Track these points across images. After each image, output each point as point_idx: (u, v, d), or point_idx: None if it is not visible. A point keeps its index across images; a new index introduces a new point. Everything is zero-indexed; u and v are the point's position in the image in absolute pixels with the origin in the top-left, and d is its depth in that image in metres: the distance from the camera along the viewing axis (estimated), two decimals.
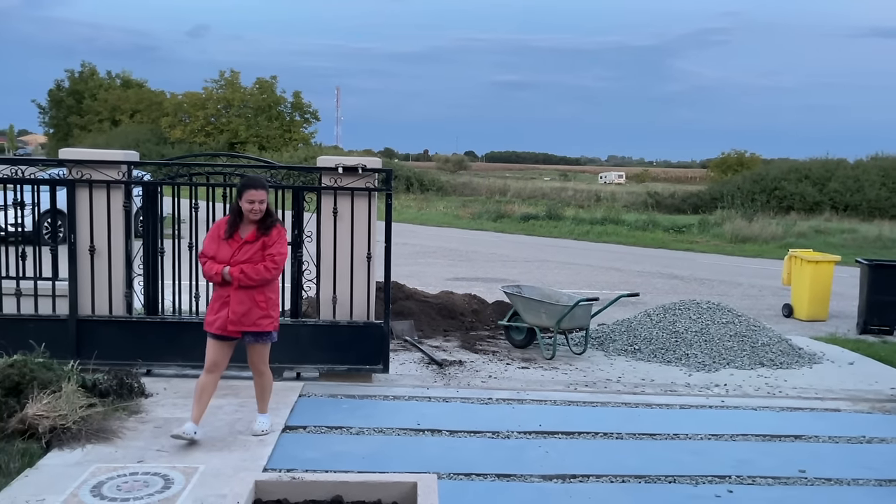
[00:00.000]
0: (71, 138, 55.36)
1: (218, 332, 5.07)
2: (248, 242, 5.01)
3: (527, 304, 8.07)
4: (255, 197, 4.97)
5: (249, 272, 4.97)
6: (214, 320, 5.08)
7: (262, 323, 5.11)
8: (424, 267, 14.66)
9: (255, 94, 50.77)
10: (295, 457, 5.03)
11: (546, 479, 4.84)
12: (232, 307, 5.00)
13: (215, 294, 5.14)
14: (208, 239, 5.14)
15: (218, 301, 5.08)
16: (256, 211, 4.99)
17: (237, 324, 5.03)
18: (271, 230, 5.05)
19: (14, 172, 6.59)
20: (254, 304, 5.04)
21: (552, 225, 26.16)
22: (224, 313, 5.02)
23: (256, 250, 5.00)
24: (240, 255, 5.00)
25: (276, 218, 5.13)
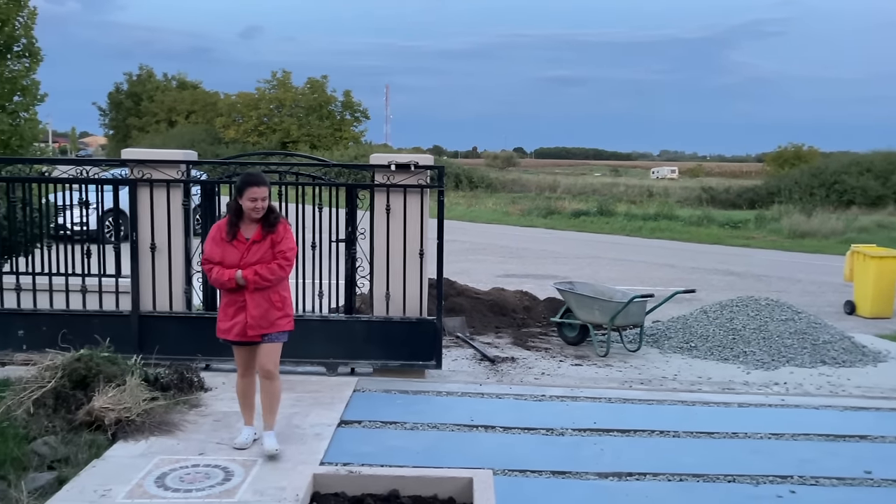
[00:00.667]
0: (129, 139, 56.84)
1: (237, 338, 4.84)
2: (256, 242, 4.76)
3: (580, 300, 8.00)
4: (258, 194, 4.68)
5: (265, 273, 4.72)
6: (231, 327, 4.83)
7: (281, 323, 4.89)
8: (475, 264, 14.67)
9: (306, 94, 51.42)
10: (350, 451, 5.08)
11: (602, 476, 4.80)
12: (249, 311, 4.76)
13: (226, 299, 4.87)
14: (210, 242, 4.85)
15: (232, 306, 4.81)
16: (259, 209, 4.71)
17: (257, 327, 4.80)
18: (276, 226, 4.80)
19: (79, 172, 6.80)
20: (270, 304, 4.82)
21: (604, 221, 25.88)
22: (241, 318, 4.77)
23: (266, 249, 4.76)
24: (250, 257, 4.74)
25: (278, 213, 4.88)
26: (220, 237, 4.80)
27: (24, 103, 16.63)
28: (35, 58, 16.32)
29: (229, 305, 4.82)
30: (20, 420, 5.07)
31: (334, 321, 6.87)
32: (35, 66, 16.48)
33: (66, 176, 6.80)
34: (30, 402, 5.19)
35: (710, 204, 34.74)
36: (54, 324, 6.66)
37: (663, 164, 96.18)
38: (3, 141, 15.80)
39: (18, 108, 16.53)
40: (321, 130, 50.21)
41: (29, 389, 5.30)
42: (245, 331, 4.78)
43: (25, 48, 16.11)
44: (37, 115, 17.01)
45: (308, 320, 6.81)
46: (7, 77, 15.92)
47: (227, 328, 4.84)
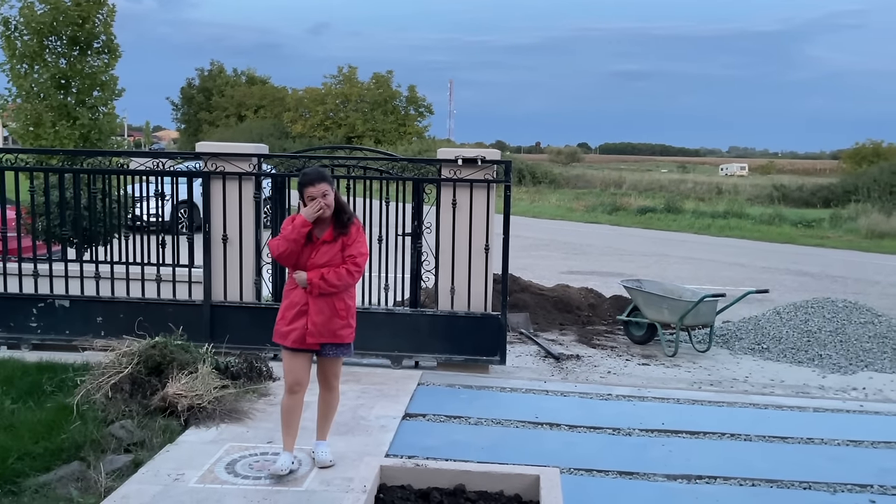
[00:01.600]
0: (200, 133, 58.35)
1: (295, 344, 4.44)
2: (326, 243, 4.39)
3: (648, 298, 7.86)
4: (315, 193, 4.32)
5: (331, 278, 4.35)
6: (289, 332, 4.44)
7: (344, 334, 4.50)
8: (538, 260, 14.56)
9: (371, 89, 51.90)
10: (415, 444, 5.10)
11: (671, 478, 4.70)
12: (311, 317, 4.39)
13: (287, 302, 4.49)
14: (286, 221, 4.51)
15: (292, 309, 4.45)
16: (322, 207, 4.35)
17: (318, 335, 4.42)
18: (349, 227, 4.42)
19: (155, 165, 7.01)
20: (334, 312, 4.43)
21: (671, 218, 25.37)
22: (301, 324, 4.41)
23: (336, 252, 4.39)
24: (318, 258, 4.38)
25: (351, 213, 4.50)
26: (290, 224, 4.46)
27: (102, 98, 17.23)
28: (114, 54, 16.87)
29: (289, 308, 4.46)
30: (99, 404, 5.25)
31: (399, 314, 6.90)
32: (114, 62, 17.03)
33: (144, 168, 6.99)
34: (108, 387, 5.37)
35: (782, 202, 33.71)
36: (131, 311, 6.88)
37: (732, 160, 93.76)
38: (84, 134, 16.41)
39: (98, 103, 17.13)
40: (386, 125, 50.61)
41: (107, 374, 5.49)
42: (304, 337, 4.41)
43: (105, 45, 16.66)
44: (115, 110, 17.61)
45: (374, 313, 6.87)
46: (87, 73, 16.50)
47: (285, 332, 4.47)
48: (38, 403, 5.35)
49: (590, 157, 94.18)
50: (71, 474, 4.38)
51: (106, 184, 7.17)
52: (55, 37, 15.99)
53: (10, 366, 6.16)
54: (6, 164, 7.11)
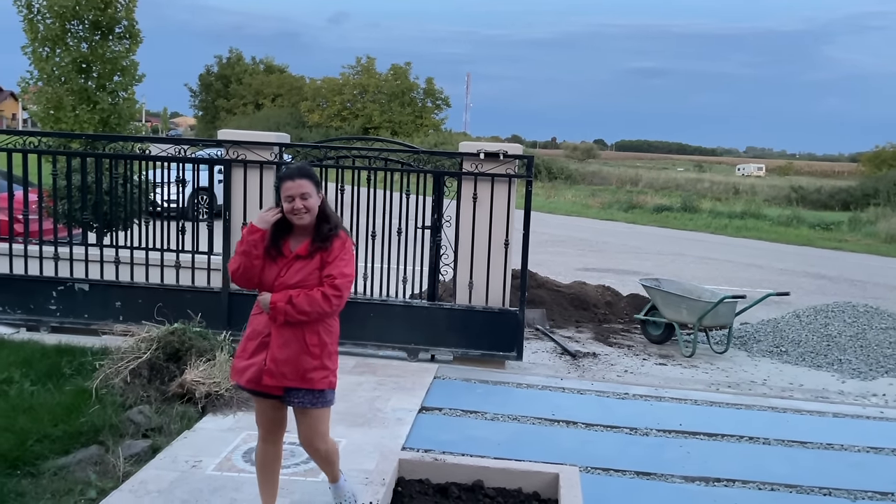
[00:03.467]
0: (218, 121, 58.51)
1: (250, 385, 3.48)
2: (301, 258, 3.43)
3: (666, 298, 7.80)
4: (293, 190, 3.37)
5: (301, 303, 3.35)
6: (245, 368, 3.47)
7: (314, 377, 3.47)
8: (554, 256, 14.50)
9: (389, 80, 51.83)
10: (431, 438, 5.09)
11: (688, 480, 4.67)
12: (273, 352, 3.41)
13: (249, 330, 3.53)
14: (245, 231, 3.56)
15: (254, 340, 3.47)
16: (299, 210, 3.38)
17: (277, 376, 3.42)
18: (331, 241, 3.45)
19: (177, 151, 7.01)
20: (303, 348, 3.43)
21: (687, 217, 25.24)
22: (260, 359, 3.43)
23: (312, 270, 3.43)
24: (288, 276, 3.42)
25: (337, 223, 3.52)
26: None
27: (123, 83, 17.26)
28: (135, 39, 16.89)
29: (251, 339, 3.49)
30: (117, 388, 5.27)
31: (417, 307, 6.89)
32: (135, 48, 17.06)
33: (166, 154, 7.00)
34: (126, 372, 5.39)
35: (800, 204, 33.46)
36: (150, 297, 6.90)
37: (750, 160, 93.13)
38: (103, 119, 16.48)
39: (118, 88, 17.16)
40: (402, 117, 50.55)
41: (126, 359, 5.50)
42: (259, 376, 3.43)
43: (126, 30, 16.68)
44: (134, 95, 17.68)
45: (391, 305, 6.86)
46: (108, 57, 16.54)
47: (241, 368, 3.49)
48: (57, 386, 5.37)
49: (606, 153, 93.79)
50: (89, 458, 4.40)
51: (127, 169, 7.19)
52: (77, 21, 16.03)
53: (30, 348, 6.20)
54: (29, 146, 7.14)
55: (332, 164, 7.11)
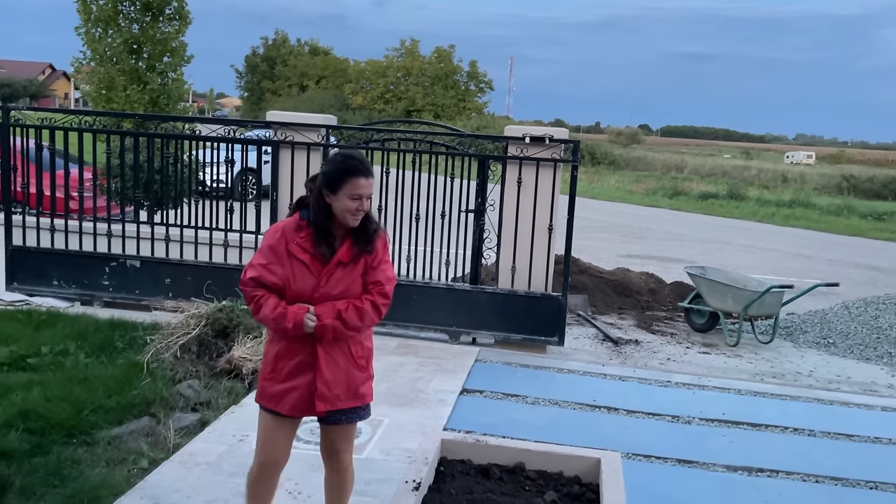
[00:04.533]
0: (263, 102, 59.13)
1: (294, 412, 3.07)
2: (343, 264, 3.00)
3: (711, 286, 7.71)
4: (365, 189, 2.94)
5: (352, 318, 2.97)
6: (285, 393, 3.03)
7: (366, 391, 3.16)
8: (596, 242, 14.40)
9: (433, 63, 51.77)
10: (472, 420, 5.13)
11: (731, 469, 4.64)
12: (323, 374, 3.00)
13: (278, 348, 3.05)
14: (266, 250, 3.00)
15: (290, 359, 3.02)
16: (363, 211, 2.97)
17: (331, 399, 3.04)
18: (375, 242, 3.05)
19: (226, 132, 7.13)
20: (351, 362, 3.08)
21: (733, 205, 24.80)
22: (305, 382, 3.01)
23: (356, 277, 3.03)
24: (330, 286, 2.98)
25: (377, 222, 3.11)
26: (283, 248, 2.98)
27: (172, 64, 17.57)
28: (184, 20, 17.16)
29: (285, 357, 3.03)
30: (167, 363, 5.41)
31: (459, 290, 6.92)
32: (184, 29, 17.33)
33: (215, 135, 7.12)
34: (176, 347, 5.53)
35: (852, 193, 32.65)
36: (198, 275, 7.05)
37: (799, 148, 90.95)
38: (153, 99, 16.79)
39: (167, 69, 17.48)
40: (445, 100, 50.49)
41: (176, 335, 5.65)
42: (311, 403, 3.03)
43: (176, 11, 16.95)
44: (183, 76, 17.96)
45: (434, 288, 6.91)
46: (159, 38, 16.83)
47: (278, 393, 3.04)
48: (110, 359, 5.54)
49: (651, 139, 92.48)
50: (141, 429, 4.54)
51: (177, 149, 7.33)
52: (129, 2, 16.33)
53: (84, 321, 6.40)
54: (85, 126, 7.32)
55: (378, 146, 7.16)
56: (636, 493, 3.90)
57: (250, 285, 3.00)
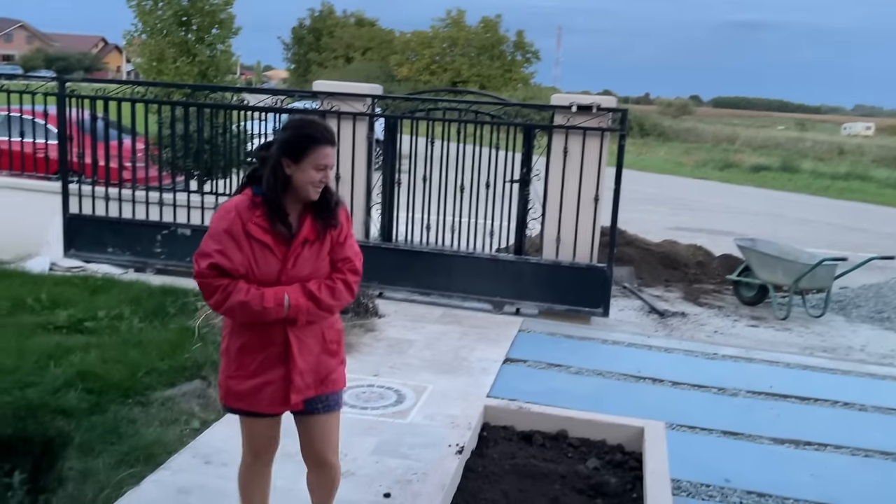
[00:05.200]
0: (309, 74, 59.33)
1: (271, 409, 2.79)
2: (309, 242, 2.73)
3: (761, 258, 7.57)
4: (330, 159, 2.69)
5: (325, 298, 2.72)
6: (254, 391, 2.74)
7: (338, 375, 2.89)
8: (644, 214, 14.21)
9: (479, 33, 51.27)
10: (515, 388, 5.15)
11: (777, 442, 4.59)
12: (296, 362, 2.73)
13: (240, 342, 2.74)
14: (218, 236, 2.64)
15: (258, 353, 2.73)
16: (325, 182, 2.72)
17: (306, 388, 2.78)
18: (337, 215, 2.78)
19: (274, 102, 7.20)
20: (323, 347, 2.82)
21: (786, 177, 24.19)
22: (278, 375, 2.73)
23: (323, 255, 2.76)
24: (298, 268, 2.71)
25: (336, 193, 2.82)
26: (240, 230, 2.65)
27: (220, 36, 17.78)
28: None
29: (251, 351, 2.73)
30: (217, 328, 5.54)
31: (503, 261, 6.93)
32: (232, 1, 17.47)
33: (263, 105, 7.20)
34: None
35: None
36: None
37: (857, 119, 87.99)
38: (202, 71, 17.03)
39: (216, 41, 17.70)
40: (491, 71, 50.04)
41: None
42: (286, 396, 2.75)
43: None
44: (231, 48, 18.16)
45: (477, 258, 6.92)
46: (207, 10, 17.02)
47: (248, 391, 2.75)
48: (162, 324, 5.70)
49: (701, 110, 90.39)
50: (193, 391, 4.67)
51: (226, 119, 7.43)
52: None
53: (138, 288, 6.58)
54: (137, 96, 7.47)
55: (423, 116, 7.15)
56: (679, 463, 3.90)
57: (210, 275, 2.62)
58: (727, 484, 4.04)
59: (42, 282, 6.59)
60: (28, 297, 6.02)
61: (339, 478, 3.05)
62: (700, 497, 3.92)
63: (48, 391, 4.35)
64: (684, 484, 4.01)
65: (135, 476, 3.66)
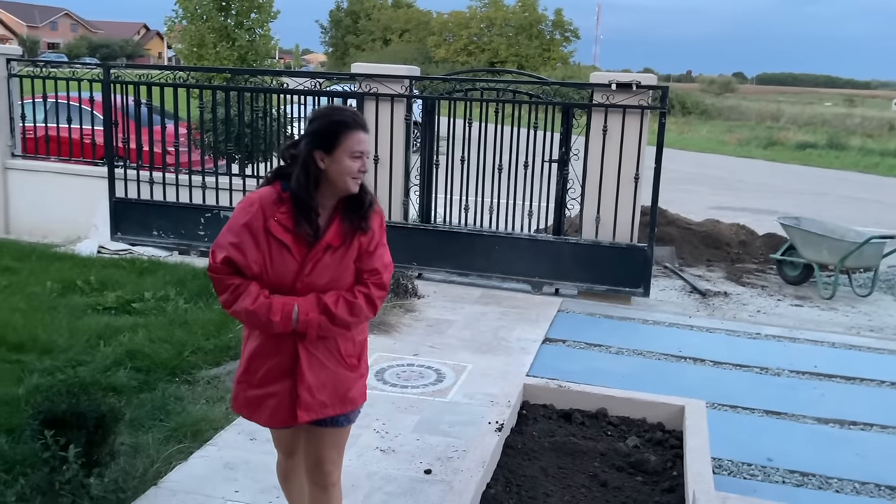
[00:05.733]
0: (347, 57, 59.48)
1: (273, 423, 2.58)
2: (332, 248, 2.45)
3: (806, 237, 7.43)
4: (366, 146, 2.45)
5: (342, 313, 2.44)
6: (259, 401, 2.53)
7: (356, 392, 2.62)
8: (685, 194, 14.01)
9: (516, 13, 50.82)
10: (554, 367, 5.16)
11: (821, 421, 4.53)
12: (305, 378, 2.49)
13: (255, 346, 2.52)
14: (238, 228, 2.42)
15: (266, 360, 2.51)
16: (365, 172, 2.46)
17: (316, 408, 2.52)
18: (369, 219, 2.50)
19: (313, 85, 7.25)
20: (340, 362, 2.55)
21: (833, 155, 23.60)
22: (283, 388, 2.50)
23: (348, 263, 2.48)
24: (316, 275, 2.45)
25: (372, 193, 2.55)
26: (260, 225, 2.42)
27: (259, 20, 17.89)
28: None
29: (260, 357, 2.52)
30: None
31: (542, 241, 6.91)
32: None
33: (302, 88, 7.25)
34: None
35: None
36: None
37: None
38: (241, 56, 17.18)
39: (254, 25, 17.81)
40: (530, 50, 49.61)
41: None
42: (292, 411, 2.51)
43: None
44: (270, 32, 18.28)
45: (516, 238, 6.92)
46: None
47: (252, 399, 2.55)
48: (206, 305, 5.82)
49: (745, 87, 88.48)
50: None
51: (266, 103, 7.51)
52: None
53: (182, 270, 6.72)
54: (178, 81, 7.59)
55: (461, 96, 7.14)
56: (721, 442, 3.88)
57: (225, 271, 2.42)
58: (769, 463, 4.01)
59: (91, 264, 6.77)
60: (78, 280, 6.20)
61: (340, 501, 2.74)
62: (741, 476, 3.89)
63: (99, 369, 4.50)
64: (725, 463, 3.99)
65: (183, 451, 3.77)
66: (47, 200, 7.96)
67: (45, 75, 7.89)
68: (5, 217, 8.15)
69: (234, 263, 2.41)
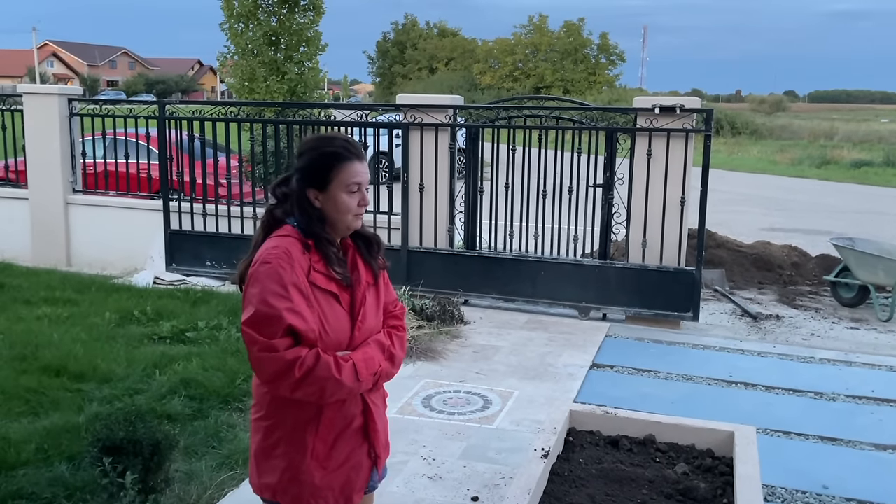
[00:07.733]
0: (394, 86, 60.34)
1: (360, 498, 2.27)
2: (370, 286, 2.26)
3: (861, 258, 7.26)
4: (362, 176, 2.21)
5: (398, 352, 2.27)
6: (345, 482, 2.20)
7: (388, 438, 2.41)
8: (736, 215, 13.81)
9: (562, 38, 50.96)
10: (602, 393, 5.13)
11: (879, 448, 4.41)
12: (379, 436, 2.28)
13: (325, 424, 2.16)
14: (287, 287, 2.04)
15: (342, 429, 2.18)
16: (366, 205, 2.23)
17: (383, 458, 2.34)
18: (379, 252, 2.34)
19: (359, 117, 7.41)
20: (384, 402, 2.36)
21: (891, 173, 22.98)
22: (361, 455, 2.23)
23: (380, 301, 2.30)
24: (368, 322, 2.21)
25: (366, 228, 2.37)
26: (304, 279, 2.09)
27: (308, 53, 18.31)
28: (318, 11, 17.83)
29: (332, 428, 2.17)
30: None
31: (588, 266, 6.89)
32: (318, 19, 18.00)
33: (348, 119, 7.41)
34: None
35: None
36: None
37: None
38: (291, 88, 17.59)
39: (303, 58, 18.23)
40: (575, 75, 49.63)
41: None
42: (372, 474, 2.30)
43: (310, 2, 17.63)
44: (318, 64, 18.70)
45: (562, 263, 6.91)
46: (295, 29, 17.58)
47: (331, 484, 2.18)
48: None
49: (797, 105, 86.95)
50: None
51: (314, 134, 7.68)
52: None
53: (235, 299, 6.87)
54: (230, 116, 7.83)
55: (505, 124, 7.21)
56: (773, 469, 3.81)
57: (283, 346, 2.01)
58: (825, 491, 3.91)
59: (147, 295, 6.98)
60: (135, 310, 6.40)
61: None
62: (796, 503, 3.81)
63: (155, 397, 4.63)
64: (779, 490, 3.91)
65: (235, 478, 3.85)
66: (106, 234, 8.26)
67: (104, 113, 8.22)
68: (67, 250, 8.46)
69: (295, 332, 2.02)
